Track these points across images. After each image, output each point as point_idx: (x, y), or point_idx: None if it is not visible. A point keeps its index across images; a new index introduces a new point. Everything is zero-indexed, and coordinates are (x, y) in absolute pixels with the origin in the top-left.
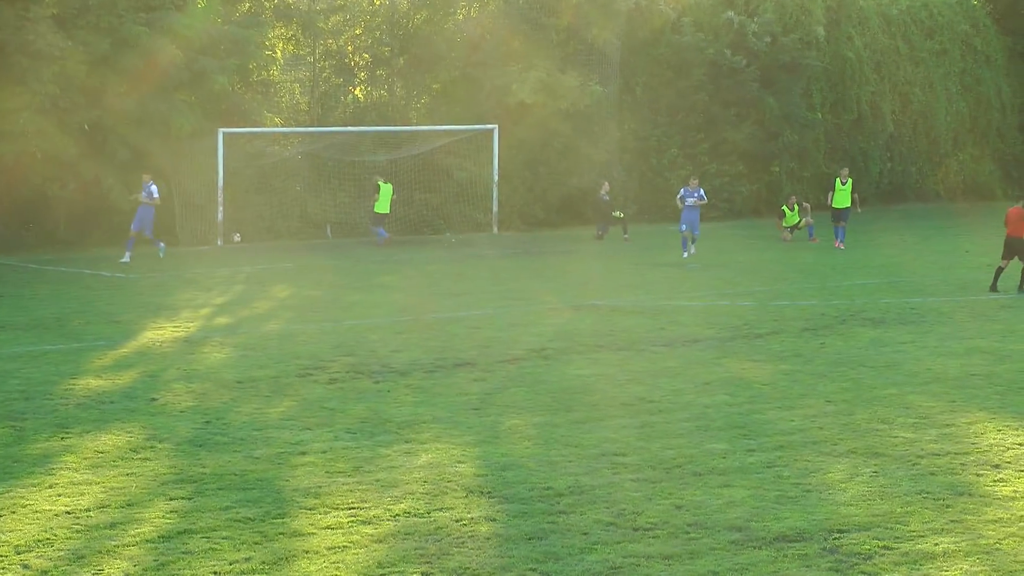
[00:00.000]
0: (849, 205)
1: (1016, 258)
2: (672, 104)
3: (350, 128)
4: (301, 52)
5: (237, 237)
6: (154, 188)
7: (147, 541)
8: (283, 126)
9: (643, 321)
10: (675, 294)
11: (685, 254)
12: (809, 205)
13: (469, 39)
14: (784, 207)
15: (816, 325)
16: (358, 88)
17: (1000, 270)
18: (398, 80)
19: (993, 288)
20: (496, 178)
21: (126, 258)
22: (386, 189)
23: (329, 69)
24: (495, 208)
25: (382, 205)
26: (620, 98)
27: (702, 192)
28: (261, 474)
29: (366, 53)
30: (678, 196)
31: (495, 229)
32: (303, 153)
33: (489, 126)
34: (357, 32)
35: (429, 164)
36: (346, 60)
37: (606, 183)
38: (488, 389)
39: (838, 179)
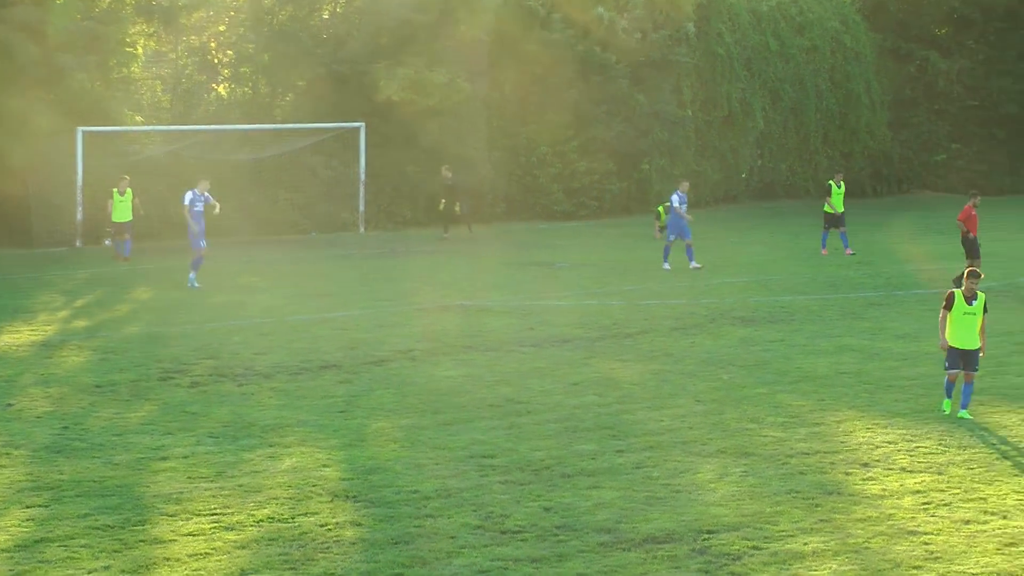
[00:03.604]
0: (843, 209)
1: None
2: (541, 101)
3: (213, 126)
4: (163, 48)
5: (107, 242)
6: None
7: (2, 550)
8: (145, 124)
9: (512, 321)
10: (544, 294)
11: (667, 265)
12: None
13: (335, 35)
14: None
15: (686, 324)
16: (221, 85)
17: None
18: (262, 77)
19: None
20: (363, 177)
21: None
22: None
23: (192, 66)
24: (362, 207)
25: (122, 212)
26: (489, 95)
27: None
28: (121, 480)
29: (230, 50)
30: (676, 203)
31: (362, 228)
32: (165, 152)
33: (355, 124)
34: (220, 28)
35: (295, 163)
36: (209, 57)
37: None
38: (354, 391)
39: (832, 183)
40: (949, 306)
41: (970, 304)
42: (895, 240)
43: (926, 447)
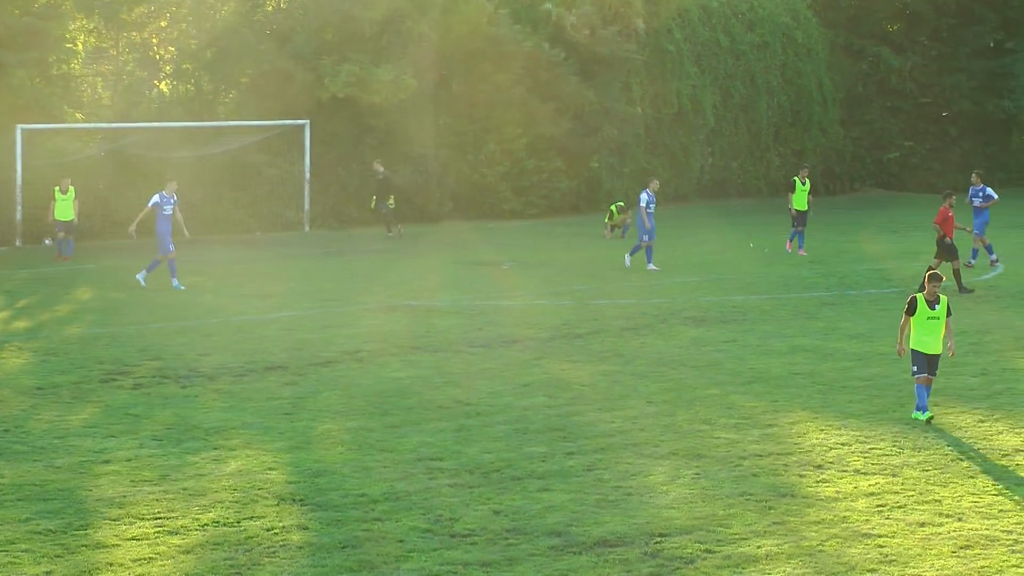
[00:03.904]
0: (807, 208)
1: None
2: (489, 98)
3: (155, 124)
4: (103, 45)
5: (48, 241)
6: None
7: None
8: (85, 122)
9: (460, 322)
10: (493, 294)
11: (651, 266)
12: (626, 204)
13: (279, 31)
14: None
15: (637, 324)
16: (163, 82)
17: (956, 272)
18: (205, 74)
19: (961, 289)
20: (308, 175)
21: None
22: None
23: (133, 62)
24: (307, 206)
25: (63, 211)
26: (436, 92)
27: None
28: (62, 484)
29: (171, 46)
30: (643, 203)
31: (307, 228)
32: (106, 150)
33: (300, 121)
34: (162, 24)
35: (238, 161)
36: (151, 53)
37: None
38: (300, 393)
39: (797, 179)
40: (911, 311)
41: (933, 308)
42: (848, 239)
43: (880, 449)
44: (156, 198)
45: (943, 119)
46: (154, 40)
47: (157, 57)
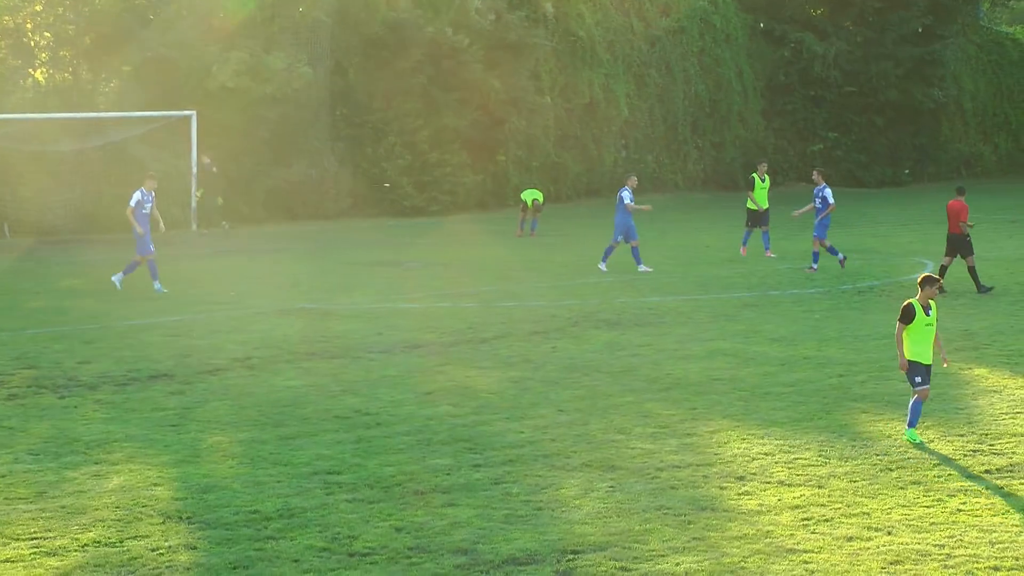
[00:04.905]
0: (768, 206)
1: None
2: (389, 88)
3: (30, 115)
4: None
5: None
6: None
7: None
8: None
9: (358, 326)
10: (393, 295)
11: (643, 267)
12: (542, 202)
13: (163, 17)
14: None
15: (547, 327)
16: (39, 71)
17: (944, 268)
18: (84, 62)
19: (979, 288)
20: (195, 170)
21: None
22: None
23: (6, 49)
24: (194, 203)
25: None
26: (332, 81)
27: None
28: None
29: (48, 32)
30: (628, 199)
31: (195, 226)
32: None
33: (187, 112)
34: (37, 8)
35: (121, 155)
36: (25, 39)
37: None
38: (187, 403)
39: (755, 175)
40: (908, 319)
41: (927, 314)
42: (771, 236)
43: (805, 459)
44: (138, 195)
45: (869, 108)
46: (28, 26)
47: (32, 44)
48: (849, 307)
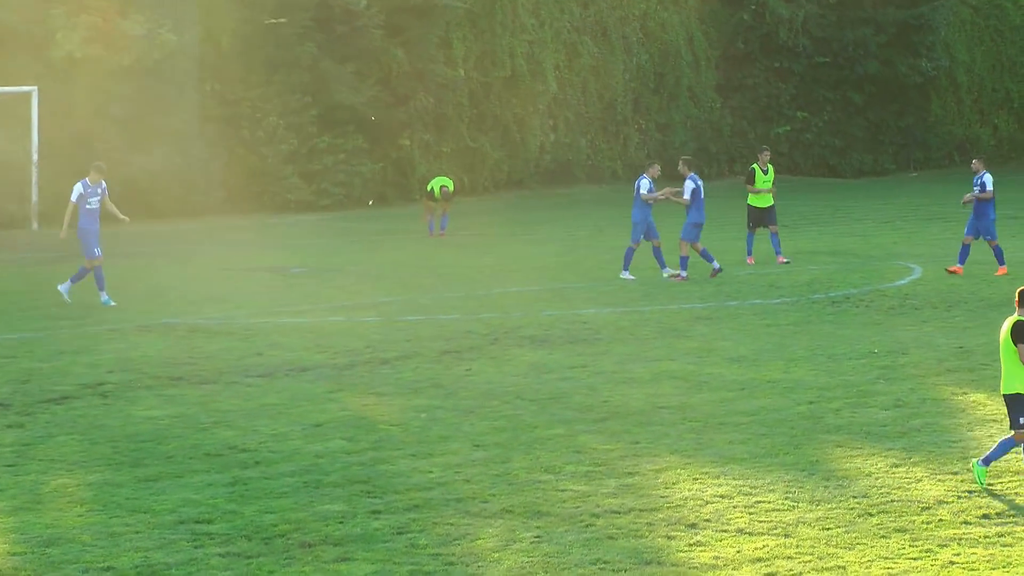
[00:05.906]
0: (773, 202)
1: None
2: (270, 58)
3: None
4: None
5: None
6: None
7: None
8: None
9: (234, 344)
10: (276, 308)
11: (666, 273)
12: (452, 190)
13: None
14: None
15: (460, 347)
16: None
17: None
18: None
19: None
20: (36, 157)
21: None
22: None
23: None
24: (35, 197)
25: None
26: (201, 51)
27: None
28: None
29: None
30: (648, 190)
31: (35, 225)
32: None
33: (26, 88)
34: None
35: None
36: None
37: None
38: (27, 438)
39: (756, 166)
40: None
41: None
42: (728, 236)
43: (769, 502)
44: (79, 188)
45: (845, 83)
46: None
47: None
48: (821, 320)
